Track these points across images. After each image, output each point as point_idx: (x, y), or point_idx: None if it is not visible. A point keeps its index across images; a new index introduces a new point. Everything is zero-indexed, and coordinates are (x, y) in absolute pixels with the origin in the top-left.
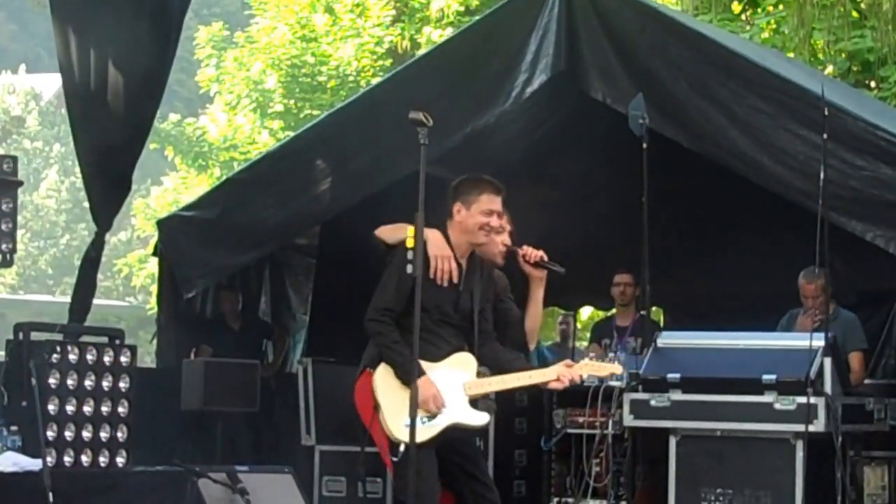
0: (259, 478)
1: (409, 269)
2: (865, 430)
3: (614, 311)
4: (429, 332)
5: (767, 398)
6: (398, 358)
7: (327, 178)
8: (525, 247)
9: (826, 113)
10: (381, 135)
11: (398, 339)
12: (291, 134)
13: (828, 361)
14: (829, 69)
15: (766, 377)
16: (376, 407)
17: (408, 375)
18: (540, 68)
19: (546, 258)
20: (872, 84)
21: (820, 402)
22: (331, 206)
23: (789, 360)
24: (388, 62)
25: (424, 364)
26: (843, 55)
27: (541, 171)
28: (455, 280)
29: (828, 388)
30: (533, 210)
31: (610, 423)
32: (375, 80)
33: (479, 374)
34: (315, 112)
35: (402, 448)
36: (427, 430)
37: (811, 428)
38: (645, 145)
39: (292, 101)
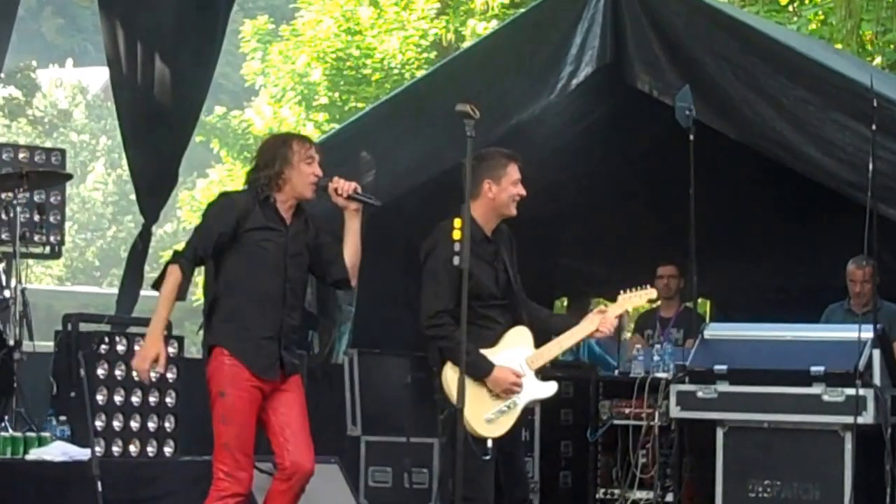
0: None
1: (457, 260)
2: None
3: (659, 302)
4: (481, 318)
5: (815, 390)
6: (467, 358)
7: (371, 171)
8: (336, 178)
9: (875, 104)
10: (426, 128)
11: (460, 338)
12: (336, 126)
13: (876, 353)
14: (878, 60)
15: (814, 369)
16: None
17: (479, 371)
18: (585, 60)
19: (359, 190)
20: None
21: (869, 394)
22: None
23: (837, 351)
24: (432, 55)
25: (485, 352)
26: (892, 46)
27: (586, 163)
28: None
29: (877, 379)
30: (578, 202)
31: (656, 414)
32: (420, 73)
33: None
34: (360, 105)
35: (489, 444)
36: (510, 416)
37: (860, 420)
38: (692, 137)
39: (337, 94)
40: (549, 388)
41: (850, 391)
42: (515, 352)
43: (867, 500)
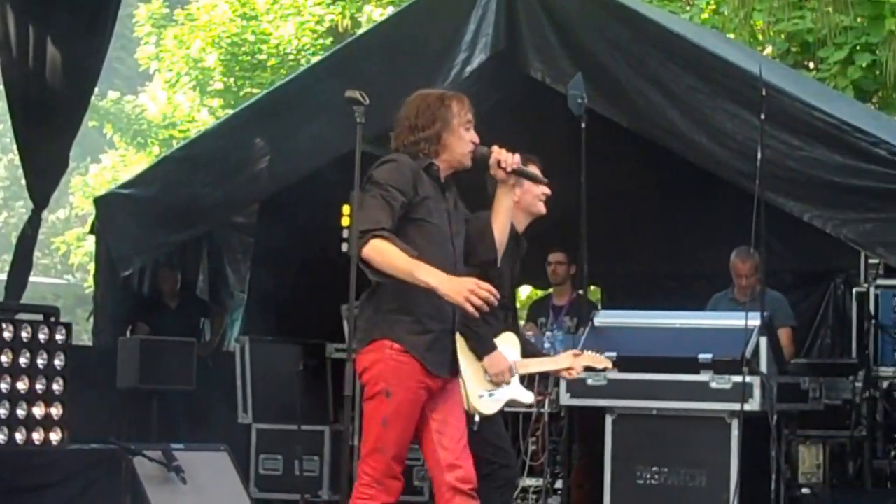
0: (194, 456)
1: (345, 247)
2: (800, 409)
3: (551, 290)
4: (489, 314)
5: (703, 377)
6: (479, 330)
7: (266, 157)
8: (498, 148)
9: (764, 93)
10: (320, 114)
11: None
12: (231, 112)
13: (763, 341)
14: (769, 50)
15: (702, 356)
16: None
17: (485, 346)
18: (479, 47)
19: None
20: (811, 65)
21: (755, 381)
22: (269, 185)
23: (725, 339)
24: (328, 41)
25: None
26: (783, 36)
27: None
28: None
29: (763, 367)
30: (472, 188)
31: (546, 401)
32: (315, 59)
33: None
34: (255, 90)
35: (477, 419)
36: (493, 404)
37: (746, 407)
38: (584, 125)
39: (232, 80)
40: (528, 396)
41: (737, 378)
42: (508, 352)
43: (753, 487)
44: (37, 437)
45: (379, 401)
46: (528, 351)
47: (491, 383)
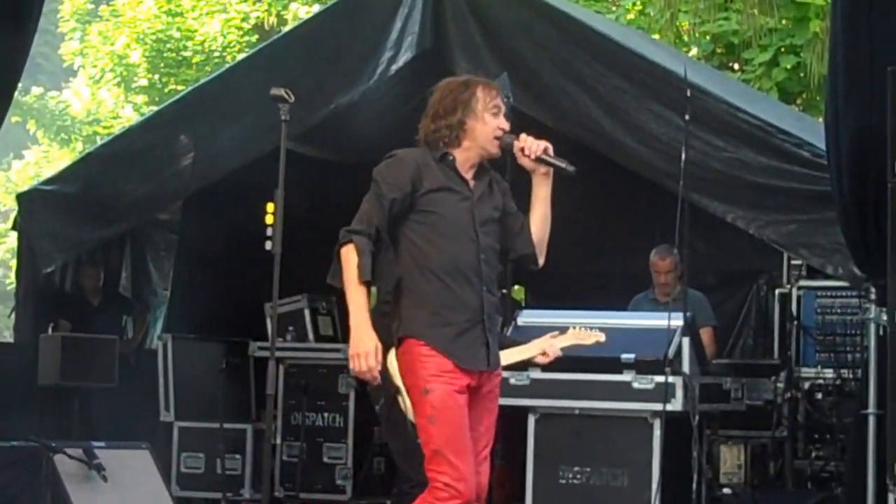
0: (116, 454)
1: (269, 245)
2: (722, 410)
3: None
4: None
5: (626, 377)
6: None
7: (190, 154)
8: (524, 136)
9: (689, 94)
10: (245, 111)
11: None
12: (155, 109)
13: (686, 341)
14: (694, 51)
15: (624, 356)
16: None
17: None
18: (405, 46)
19: (550, 151)
20: (736, 66)
21: (678, 382)
22: (193, 182)
23: (648, 339)
24: (254, 38)
25: None
26: (708, 37)
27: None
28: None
29: (685, 367)
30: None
31: None
32: (241, 56)
33: None
34: (180, 87)
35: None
36: None
37: (668, 407)
38: (509, 124)
39: (157, 76)
40: None
41: (660, 379)
42: None
43: (674, 486)
44: None
45: (422, 401)
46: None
47: None
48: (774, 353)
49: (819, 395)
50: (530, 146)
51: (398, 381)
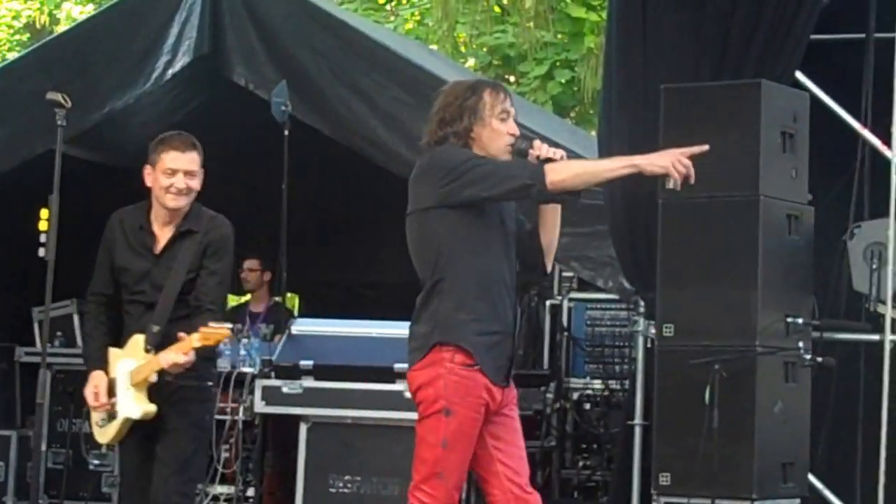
0: None
1: (42, 252)
2: None
3: (249, 296)
4: (126, 311)
5: (398, 386)
6: (84, 349)
7: None
8: (538, 143)
9: None
10: (16, 112)
11: (91, 328)
12: None
13: None
14: (471, 63)
15: (397, 366)
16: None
17: (87, 368)
18: (182, 50)
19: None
20: (512, 79)
21: None
22: None
23: None
24: (25, 37)
25: (113, 352)
26: (485, 49)
27: None
28: None
29: None
30: None
31: (241, 409)
32: (12, 56)
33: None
34: None
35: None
36: (113, 428)
37: None
38: (287, 132)
39: None
40: (140, 410)
41: None
42: (126, 361)
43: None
44: None
45: (437, 420)
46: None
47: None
48: (544, 364)
49: (587, 406)
50: (545, 153)
51: None
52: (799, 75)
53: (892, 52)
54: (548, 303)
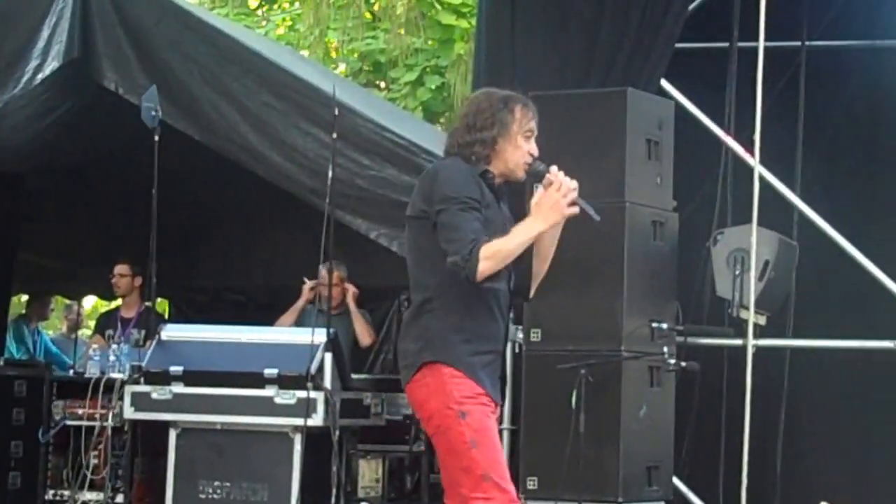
0: None
1: None
2: (362, 424)
3: (120, 302)
4: None
5: (269, 392)
6: None
7: None
8: (555, 170)
9: (336, 113)
10: None
11: None
12: None
13: (328, 357)
14: (342, 68)
15: (267, 371)
16: None
17: None
18: (52, 55)
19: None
20: (383, 85)
21: (319, 397)
22: None
23: (292, 354)
24: None
25: None
26: (356, 55)
27: (52, 158)
28: None
29: (328, 382)
30: (42, 198)
31: (110, 415)
32: None
33: None
34: None
35: None
36: None
37: (310, 422)
38: (157, 137)
39: None
40: None
41: (302, 394)
42: None
43: (314, 500)
44: None
45: (457, 426)
46: None
47: None
48: None
49: None
50: (565, 185)
51: None
52: (664, 83)
53: (756, 60)
54: None
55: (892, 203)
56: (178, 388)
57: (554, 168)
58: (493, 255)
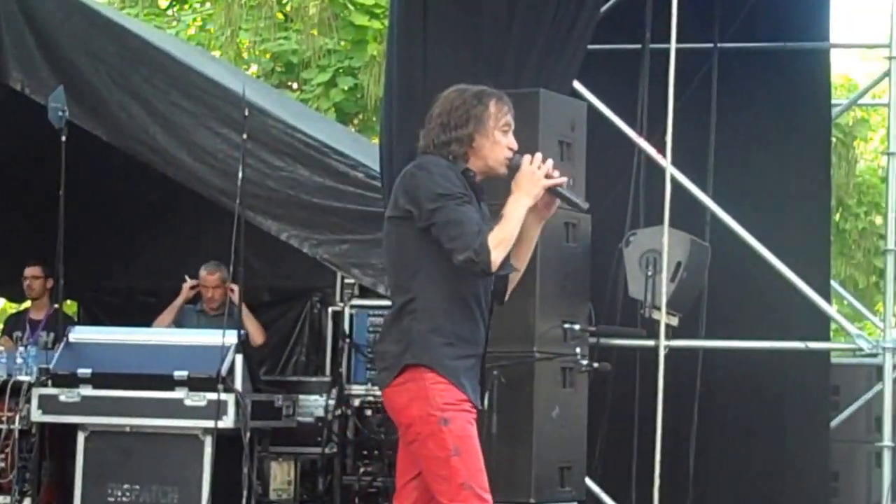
0: None
1: None
2: (274, 426)
3: (29, 304)
4: None
5: (179, 394)
6: None
7: None
8: (538, 156)
9: (247, 113)
10: None
11: None
12: None
13: (239, 358)
14: (254, 69)
15: (177, 373)
16: None
17: None
18: None
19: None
20: (295, 86)
21: (230, 399)
22: None
23: (202, 356)
24: None
25: None
26: (268, 56)
27: None
28: None
29: (238, 384)
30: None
31: (17, 418)
32: None
33: None
34: None
35: None
36: None
37: (220, 424)
38: (64, 138)
39: None
40: None
41: (212, 395)
42: None
43: (224, 503)
44: None
45: (438, 432)
46: None
47: None
48: (326, 370)
49: (369, 412)
50: (547, 173)
51: None
52: (577, 85)
53: (668, 62)
54: (330, 310)
55: (803, 204)
56: (87, 391)
57: (538, 155)
58: (500, 242)
